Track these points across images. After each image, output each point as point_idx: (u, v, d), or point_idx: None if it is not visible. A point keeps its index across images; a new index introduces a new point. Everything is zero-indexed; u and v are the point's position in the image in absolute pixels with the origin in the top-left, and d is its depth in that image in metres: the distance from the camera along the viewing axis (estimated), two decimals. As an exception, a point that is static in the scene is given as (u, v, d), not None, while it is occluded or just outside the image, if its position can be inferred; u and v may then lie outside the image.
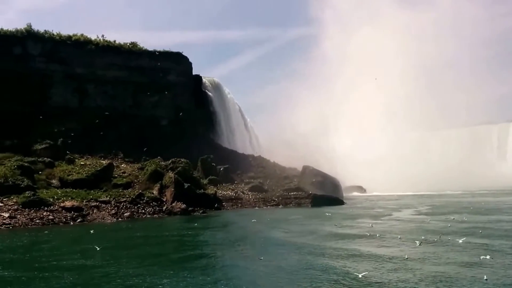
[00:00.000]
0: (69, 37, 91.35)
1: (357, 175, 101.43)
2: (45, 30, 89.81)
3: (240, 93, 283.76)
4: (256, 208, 67.39)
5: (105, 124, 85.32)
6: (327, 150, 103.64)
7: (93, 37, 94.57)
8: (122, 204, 56.48)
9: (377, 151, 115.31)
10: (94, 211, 53.24)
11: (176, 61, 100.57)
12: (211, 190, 69.30)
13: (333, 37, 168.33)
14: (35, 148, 73.60)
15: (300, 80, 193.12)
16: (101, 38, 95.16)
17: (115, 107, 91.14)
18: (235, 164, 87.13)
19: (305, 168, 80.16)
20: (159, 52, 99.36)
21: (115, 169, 73.35)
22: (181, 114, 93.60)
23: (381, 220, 47.46)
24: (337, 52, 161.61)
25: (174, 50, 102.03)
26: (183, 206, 58.08)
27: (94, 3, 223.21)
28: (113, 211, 53.92)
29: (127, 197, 58.43)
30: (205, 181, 74.73)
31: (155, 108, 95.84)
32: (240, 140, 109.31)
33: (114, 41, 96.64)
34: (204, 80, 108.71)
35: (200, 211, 59.40)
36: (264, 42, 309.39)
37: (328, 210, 57.02)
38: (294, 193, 74.28)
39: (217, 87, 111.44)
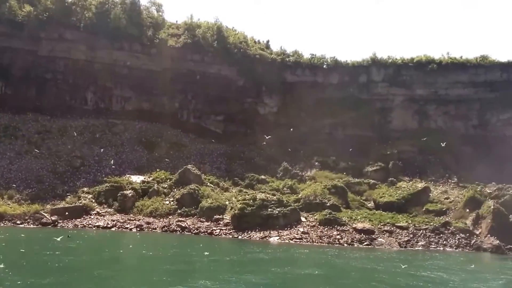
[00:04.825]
0: (411, 60, 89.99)
1: None
2: (388, 56, 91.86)
3: None
4: None
5: (442, 146, 79.16)
6: None
7: (437, 56, 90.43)
8: (420, 232, 50.88)
9: None
10: (385, 236, 49.99)
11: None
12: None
13: None
14: (366, 170, 75.93)
15: None
16: (445, 56, 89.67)
17: (456, 127, 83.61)
18: None
19: None
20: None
21: (442, 194, 67.10)
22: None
23: None
24: None
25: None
26: (496, 242, 47.25)
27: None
28: (405, 238, 49.24)
29: (430, 225, 52.26)
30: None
31: (505, 127, 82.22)
32: None
33: (461, 57, 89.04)
34: None
35: (522, 251, 47.21)
36: None
37: None
38: None
39: None
